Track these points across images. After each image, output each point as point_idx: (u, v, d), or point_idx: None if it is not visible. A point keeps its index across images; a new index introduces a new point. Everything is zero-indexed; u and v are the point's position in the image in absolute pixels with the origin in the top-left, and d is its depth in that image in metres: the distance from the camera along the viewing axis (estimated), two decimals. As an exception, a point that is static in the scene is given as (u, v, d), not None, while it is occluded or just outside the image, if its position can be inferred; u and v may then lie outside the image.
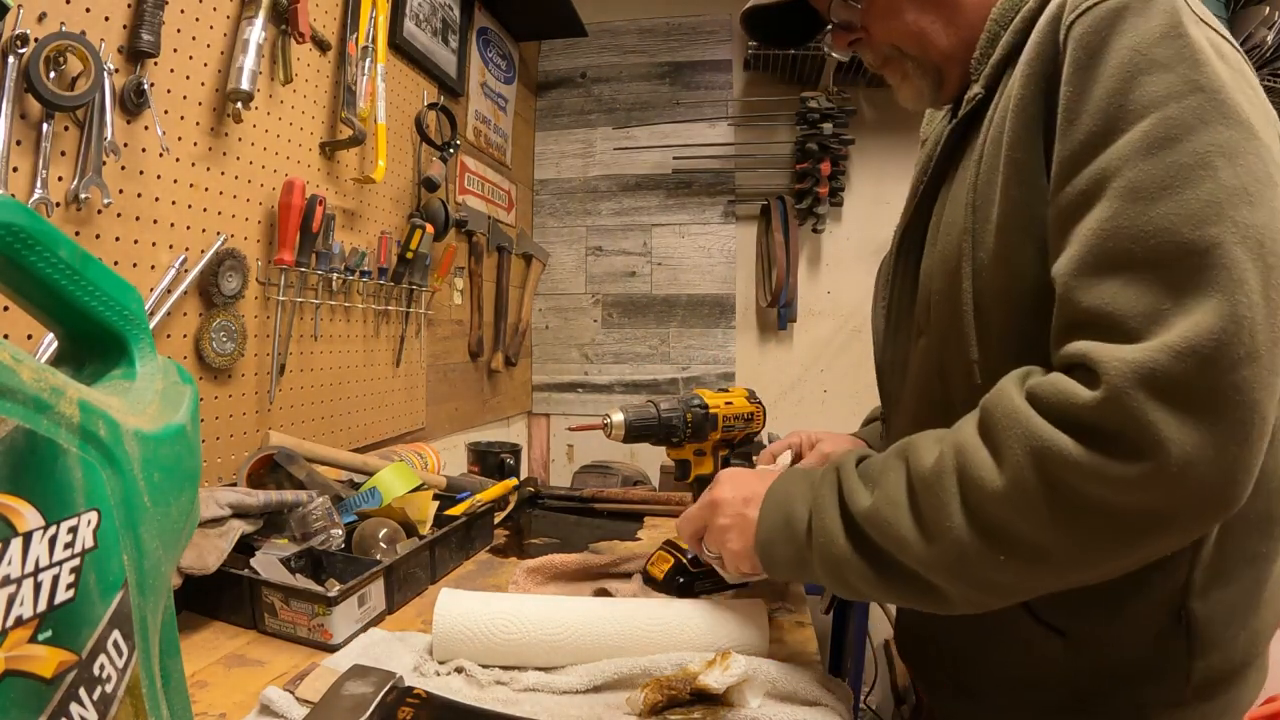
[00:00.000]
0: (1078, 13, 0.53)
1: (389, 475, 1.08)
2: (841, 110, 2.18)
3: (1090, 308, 0.48)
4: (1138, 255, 0.47)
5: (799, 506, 0.62)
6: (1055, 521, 0.47)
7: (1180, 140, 0.47)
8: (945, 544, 0.51)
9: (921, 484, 0.53)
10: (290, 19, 1.09)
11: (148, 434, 0.41)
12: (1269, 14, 1.94)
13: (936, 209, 0.68)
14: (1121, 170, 0.48)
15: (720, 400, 0.91)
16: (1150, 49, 0.49)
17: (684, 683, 0.62)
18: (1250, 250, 0.45)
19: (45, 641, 0.32)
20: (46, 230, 0.38)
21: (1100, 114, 0.50)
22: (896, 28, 0.69)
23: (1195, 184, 0.46)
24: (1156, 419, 0.43)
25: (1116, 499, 0.45)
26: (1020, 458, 0.47)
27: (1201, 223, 0.45)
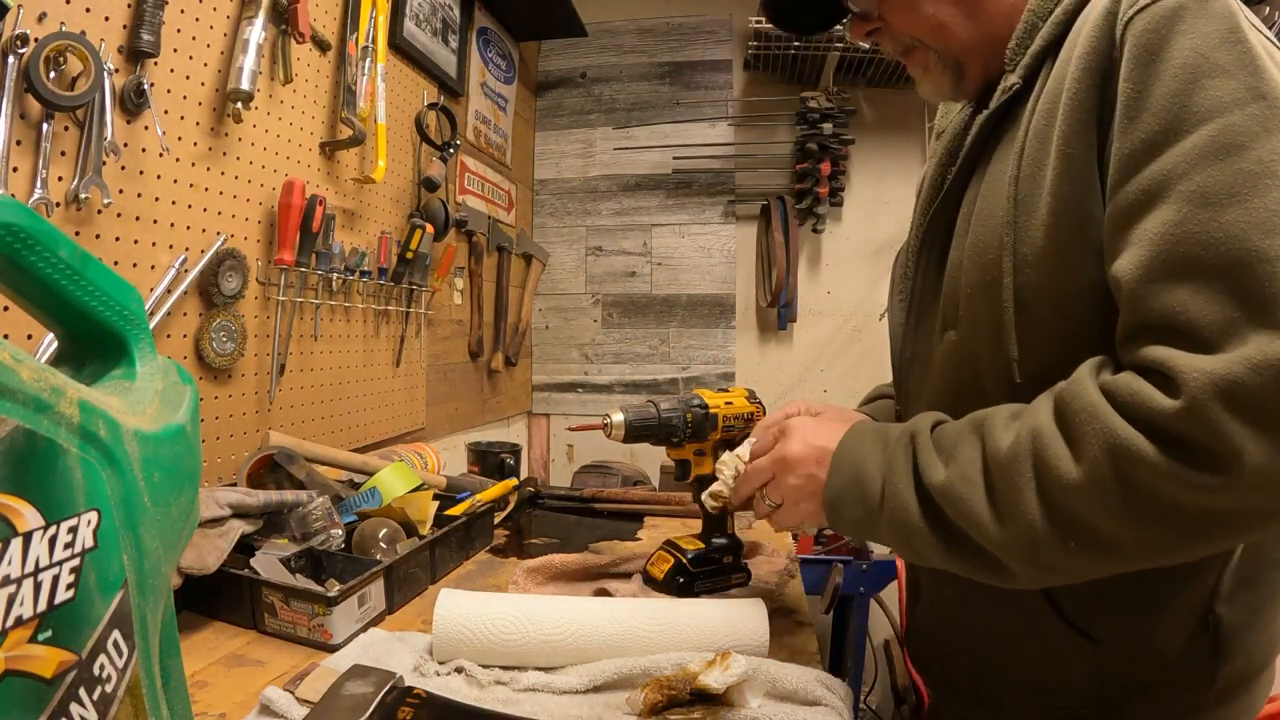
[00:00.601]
0: (1136, 9, 0.52)
1: (389, 475, 1.08)
2: (841, 110, 2.18)
3: (1162, 313, 0.48)
4: (1209, 261, 0.47)
5: (871, 468, 0.61)
6: (1129, 518, 0.48)
7: (1246, 148, 0.47)
8: (1018, 528, 0.51)
9: (997, 466, 0.53)
10: (290, 19, 1.09)
11: (148, 434, 0.41)
12: (1269, 14, 1.94)
13: (967, 200, 0.66)
14: (1189, 174, 0.48)
15: (720, 400, 0.91)
16: (1212, 52, 0.49)
17: (684, 683, 0.62)
18: None
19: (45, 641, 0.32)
20: (46, 230, 0.38)
21: (1163, 113, 0.50)
22: (915, 19, 0.68)
23: (1263, 192, 0.46)
24: (1234, 432, 0.44)
25: (1191, 501, 0.46)
26: (1098, 454, 0.48)
27: (1271, 231, 0.45)
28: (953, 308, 0.66)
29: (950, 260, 0.67)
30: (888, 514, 0.59)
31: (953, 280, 0.66)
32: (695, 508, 1.00)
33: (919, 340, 0.74)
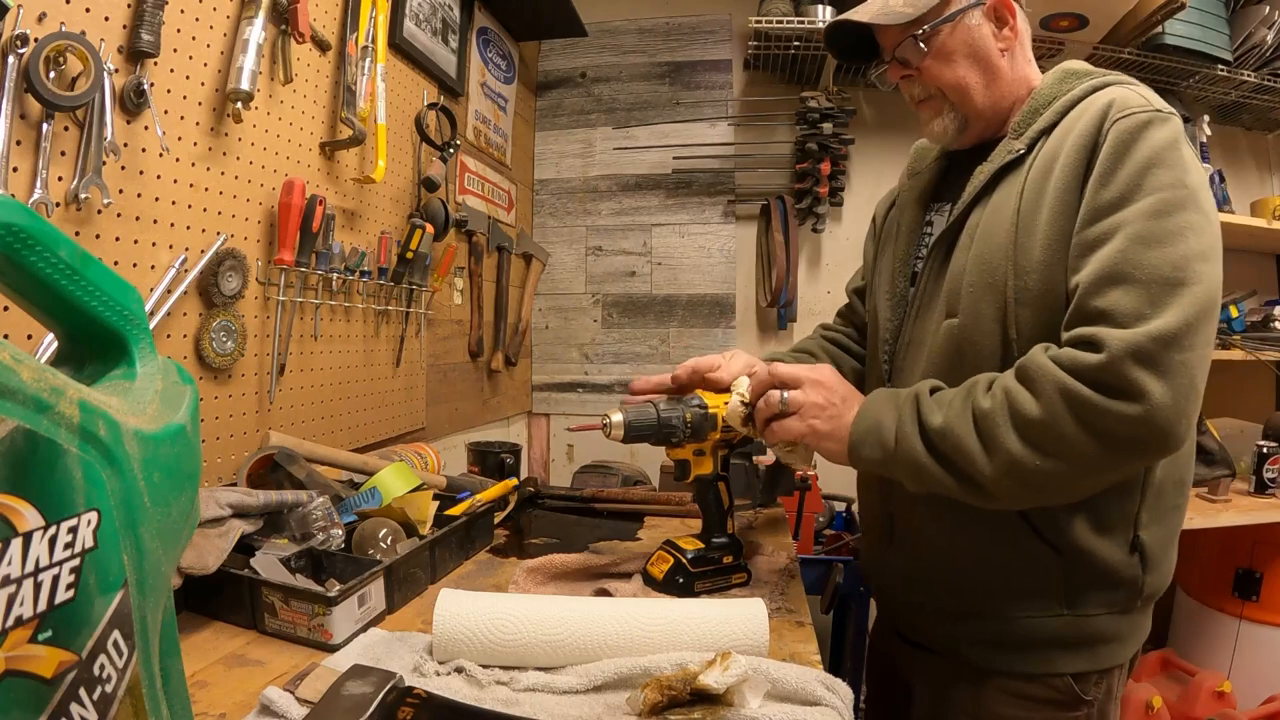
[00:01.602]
0: (1119, 117, 0.76)
1: (389, 475, 1.08)
2: (841, 110, 2.18)
3: (1098, 306, 0.72)
4: (1135, 277, 0.71)
5: (887, 420, 0.79)
6: (1076, 434, 0.70)
7: (1171, 214, 0.72)
8: (1000, 456, 0.73)
9: (981, 415, 0.74)
10: (290, 19, 1.09)
11: (148, 434, 0.41)
12: (1269, 13, 1.94)
13: (969, 226, 0.87)
14: (1133, 223, 0.72)
15: (720, 401, 0.90)
16: (1161, 153, 0.74)
17: (684, 683, 0.62)
18: (1201, 289, 0.70)
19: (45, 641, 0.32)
20: (46, 230, 0.38)
21: (1124, 185, 0.74)
22: (946, 74, 0.88)
23: (1175, 243, 0.71)
24: (1139, 376, 0.68)
25: (1115, 425, 0.69)
26: (1053, 395, 0.71)
27: (1177, 267, 0.70)
28: (955, 300, 0.86)
29: (954, 265, 0.87)
30: (900, 452, 0.78)
31: (955, 280, 0.86)
32: (695, 508, 1.00)
33: (917, 328, 0.92)
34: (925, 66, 0.88)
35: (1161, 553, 0.83)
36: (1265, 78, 1.99)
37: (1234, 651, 1.85)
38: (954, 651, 0.89)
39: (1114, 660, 0.84)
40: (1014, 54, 0.89)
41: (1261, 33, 1.94)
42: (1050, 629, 0.82)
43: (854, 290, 1.20)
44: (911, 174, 1.04)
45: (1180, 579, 2.05)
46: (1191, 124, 2.10)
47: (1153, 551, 0.82)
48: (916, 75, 0.89)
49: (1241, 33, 1.99)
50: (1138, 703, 1.63)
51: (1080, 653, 0.83)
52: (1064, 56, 2.00)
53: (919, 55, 0.88)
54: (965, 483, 0.75)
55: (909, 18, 0.86)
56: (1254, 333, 2.04)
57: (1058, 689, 0.83)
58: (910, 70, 0.90)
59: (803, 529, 1.82)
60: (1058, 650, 0.83)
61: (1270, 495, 1.79)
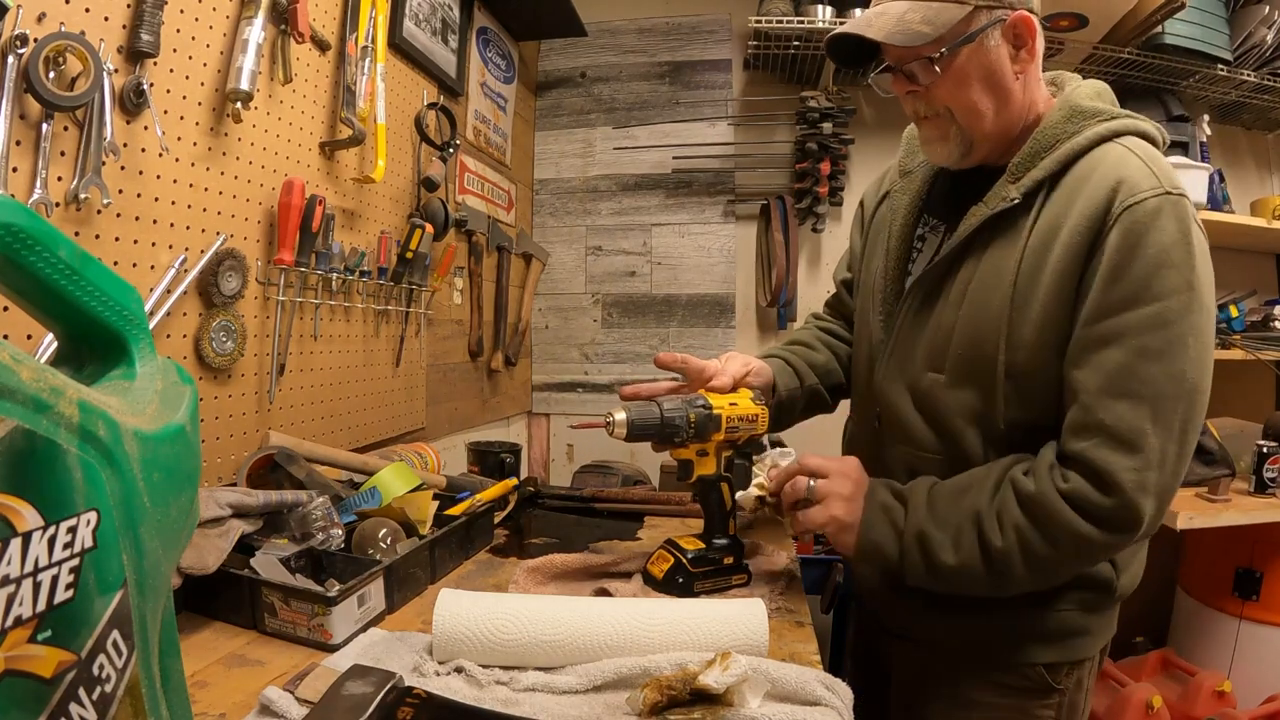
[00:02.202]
0: (1126, 205, 0.75)
1: (389, 475, 1.08)
2: (841, 110, 2.18)
3: (1104, 420, 0.74)
4: (1139, 392, 0.74)
5: (888, 551, 0.84)
6: (1082, 566, 0.82)
7: (1174, 323, 0.73)
8: (1013, 586, 0.80)
9: (997, 556, 0.78)
10: (290, 19, 1.09)
11: (147, 434, 0.41)
12: (1269, 13, 1.94)
13: (961, 276, 0.85)
14: (1138, 333, 0.74)
15: (725, 401, 0.90)
16: (1170, 251, 0.74)
17: (684, 683, 0.62)
18: (1187, 399, 0.74)
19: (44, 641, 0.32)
20: (46, 230, 0.38)
21: (1133, 284, 0.74)
22: (960, 97, 0.82)
23: (1177, 355, 0.74)
24: (1142, 505, 0.74)
25: (1109, 549, 0.80)
26: (1068, 543, 0.76)
27: (1174, 379, 0.74)
28: (940, 357, 0.86)
29: (941, 319, 0.87)
30: (909, 579, 0.83)
31: (942, 336, 0.86)
32: (695, 507, 1.00)
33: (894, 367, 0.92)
34: (936, 87, 0.83)
35: (1131, 556, 0.88)
36: (1265, 77, 1.99)
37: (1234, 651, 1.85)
38: (932, 641, 0.92)
39: (1084, 653, 0.87)
40: (1027, 76, 0.84)
41: (1261, 32, 1.94)
42: (1024, 622, 0.85)
43: (841, 281, 1.17)
44: (903, 171, 1.00)
45: (1180, 578, 2.05)
46: (1192, 124, 2.10)
47: (1122, 557, 0.86)
48: (922, 92, 0.84)
49: (1241, 32, 1.99)
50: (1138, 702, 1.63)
51: (1052, 645, 0.86)
52: (1064, 56, 2.00)
53: (931, 75, 0.82)
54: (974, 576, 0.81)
55: (928, 38, 0.79)
56: (1254, 332, 2.04)
57: (1030, 678, 0.86)
58: (916, 86, 0.84)
59: (803, 529, 1.81)
60: (1031, 642, 0.86)
61: (1270, 495, 1.79)
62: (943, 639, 0.90)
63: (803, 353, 1.12)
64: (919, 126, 0.89)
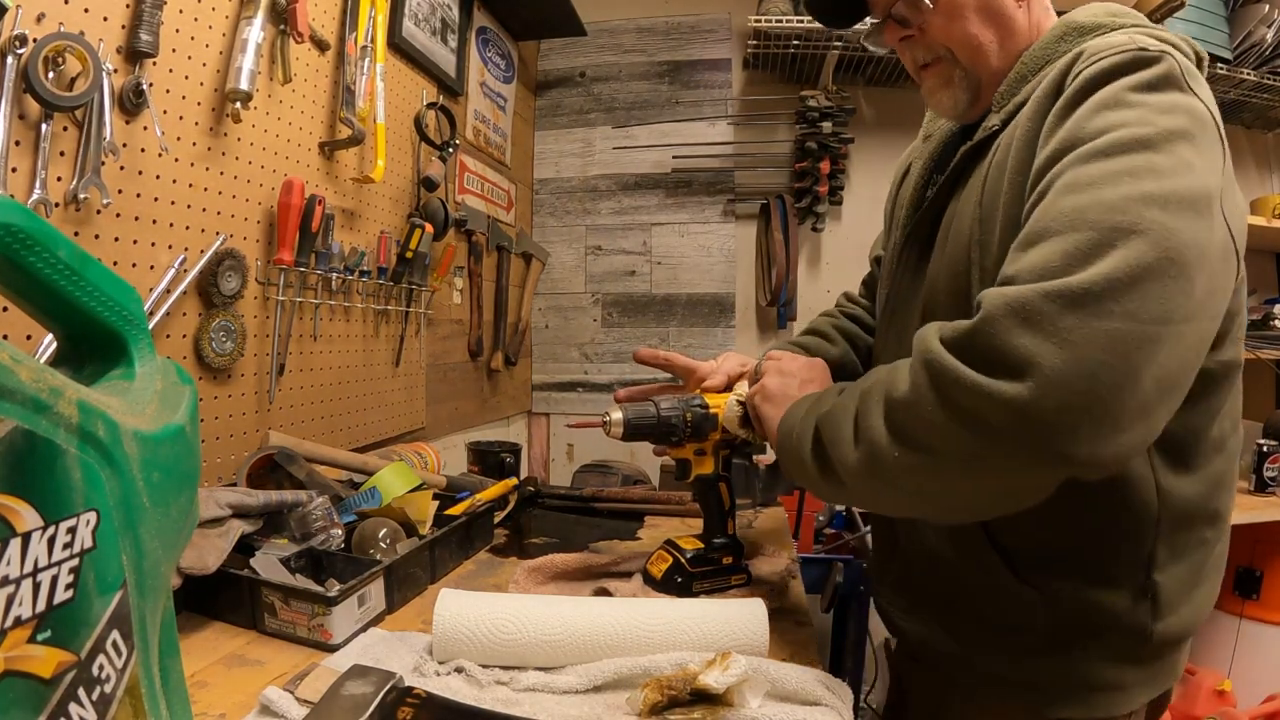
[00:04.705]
0: (1089, 62, 0.60)
1: (389, 475, 1.08)
2: (841, 109, 2.18)
3: (1005, 273, 0.55)
4: (1051, 229, 0.53)
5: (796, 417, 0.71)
6: (941, 423, 0.54)
7: (1117, 154, 0.53)
8: (864, 439, 0.60)
9: (862, 395, 0.63)
10: (289, 19, 1.09)
11: (147, 434, 0.41)
12: (1268, 12, 1.94)
13: (944, 220, 0.75)
14: (1063, 172, 0.56)
15: (721, 401, 0.90)
16: (1128, 93, 0.57)
17: (684, 683, 0.62)
18: (1151, 241, 0.50)
19: (44, 641, 0.32)
20: (46, 231, 0.38)
21: (1065, 135, 0.58)
22: (957, 32, 0.73)
23: (1116, 184, 0.52)
24: (1024, 342, 0.49)
25: (986, 409, 0.51)
26: (919, 370, 0.56)
27: (1111, 211, 0.51)
28: (931, 312, 0.74)
29: (930, 270, 0.76)
30: (791, 446, 0.70)
31: (931, 287, 0.75)
32: (695, 507, 1.00)
33: (893, 336, 0.83)
34: (930, 24, 0.73)
35: (1181, 594, 0.68)
36: (1265, 76, 1.99)
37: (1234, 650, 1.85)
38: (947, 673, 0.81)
39: (1115, 710, 0.70)
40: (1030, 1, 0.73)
41: (1261, 31, 1.94)
42: (1038, 672, 0.71)
43: (875, 259, 1.08)
44: (924, 138, 0.91)
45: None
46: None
47: (1169, 594, 0.67)
48: (918, 36, 0.75)
49: (1241, 32, 1.99)
50: (1138, 702, 1.63)
51: (1070, 700, 0.71)
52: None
53: (921, 12, 0.73)
54: (825, 470, 0.65)
55: None
56: (1254, 331, 2.04)
57: None
58: (910, 30, 0.75)
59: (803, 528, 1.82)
60: (1045, 693, 0.71)
61: (1270, 494, 1.79)
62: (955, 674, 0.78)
63: (817, 346, 1.04)
64: (922, 80, 0.79)
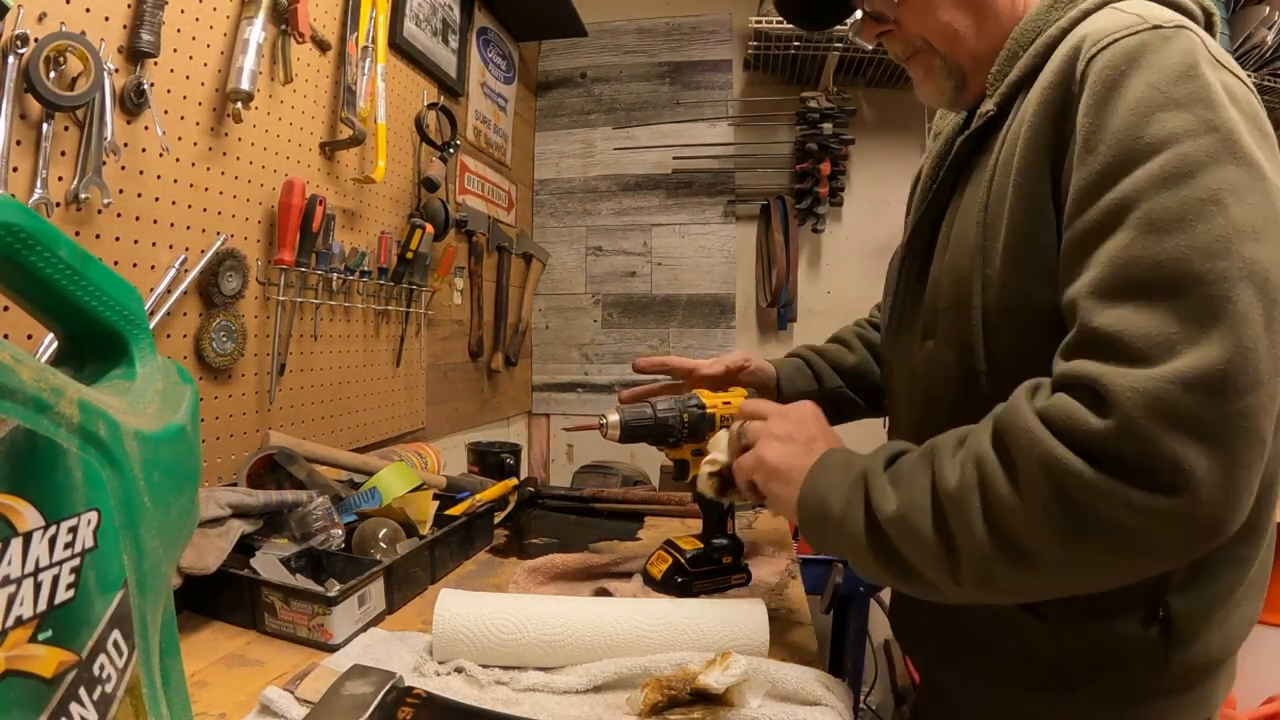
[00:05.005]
0: (1099, 47, 0.55)
1: (389, 475, 1.08)
2: (841, 110, 2.18)
3: (1102, 329, 0.49)
4: (1151, 283, 0.48)
5: (833, 504, 0.62)
6: (1071, 538, 0.49)
7: (1194, 176, 0.49)
8: (968, 557, 0.52)
9: (946, 497, 0.54)
10: (290, 19, 1.09)
11: (148, 434, 0.41)
12: (1269, 14, 1.94)
13: (947, 219, 0.71)
14: (1139, 202, 0.50)
15: (718, 400, 0.90)
16: (1169, 87, 0.51)
17: (684, 683, 0.62)
18: (1255, 284, 0.47)
19: (45, 641, 0.32)
20: (46, 230, 0.38)
21: (1118, 146, 0.52)
22: (930, 22, 0.70)
23: (1207, 219, 0.48)
24: (1173, 448, 0.45)
25: (1137, 523, 0.46)
26: (1037, 476, 0.49)
27: (1212, 256, 0.47)
28: (932, 319, 0.70)
29: (931, 275, 0.72)
30: (847, 544, 0.61)
31: (933, 293, 0.71)
32: (695, 508, 1.00)
33: (900, 346, 0.78)
34: (903, 17, 0.71)
35: (1205, 618, 0.61)
36: (1265, 78, 1.99)
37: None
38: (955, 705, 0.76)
39: None
40: None
41: (1261, 33, 1.94)
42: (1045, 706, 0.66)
43: None
44: (935, 134, 0.87)
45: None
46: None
47: (1186, 619, 0.60)
48: (896, 30, 0.72)
49: (1241, 33, 1.99)
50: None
51: None
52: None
53: (891, 6, 0.71)
54: (917, 585, 0.58)
55: None
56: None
57: None
58: (887, 25, 0.73)
59: (803, 529, 1.81)
60: None
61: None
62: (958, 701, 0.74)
63: (834, 353, 1.02)
64: (909, 71, 0.76)
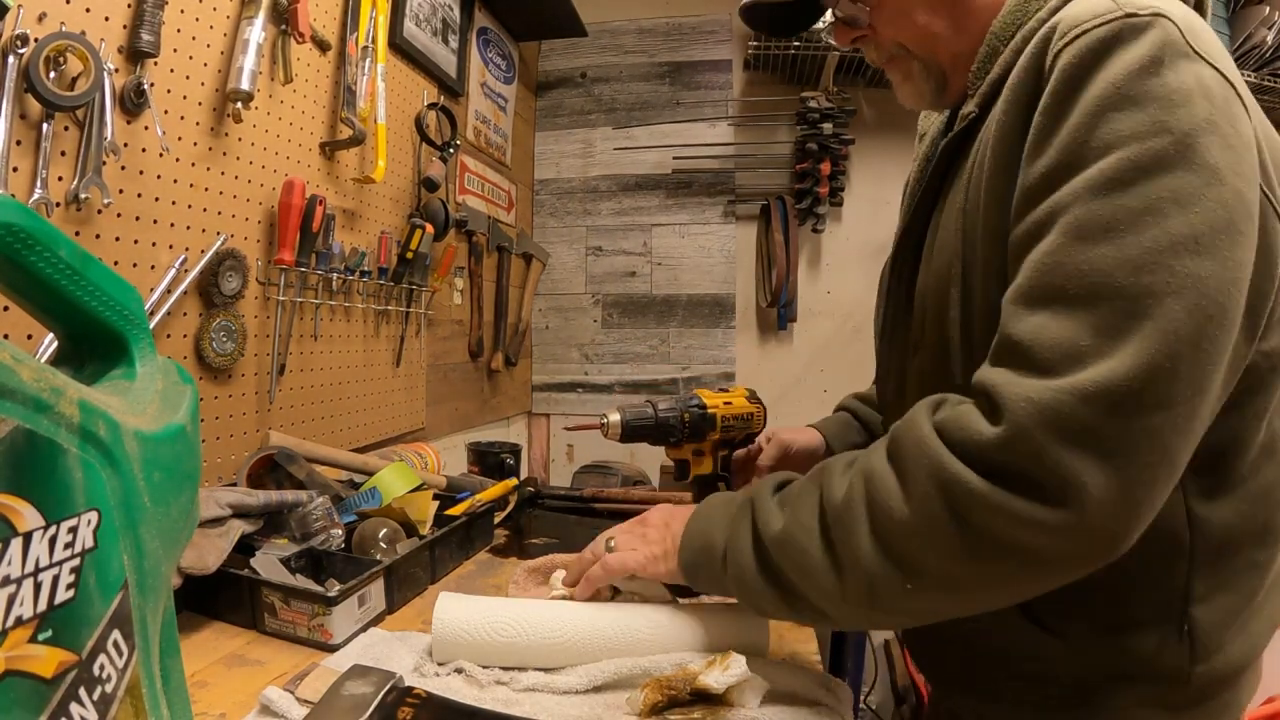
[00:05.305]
0: (1066, 40, 0.51)
1: (389, 475, 1.08)
2: (841, 110, 2.18)
3: (1014, 336, 0.48)
4: (1069, 292, 0.47)
5: (716, 535, 0.63)
6: (964, 554, 0.47)
7: (1134, 183, 0.46)
8: (855, 574, 0.51)
9: (833, 512, 0.53)
10: (290, 19, 1.09)
11: (148, 434, 0.41)
12: (1269, 14, 1.94)
13: (931, 226, 0.68)
14: (1071, 207, 0.48)
15: (719, 400, 0.91)
16: (1128, 84, 0.48)
17: (684, 683, 0.62)
18: (1186, 300, 0.44)
19: (45, 641, 0.32)
20: (47, 230, 0.38)
21: (1064, 148, 0.49)
22: (906, 27, 0.68)
23: (1139, 229, 0.45)
24: (1064, 460, 0.44)
25: (1026, 537, 0.45)
26: (928, 489, 0.48)
27: (1137, 269, 0.45)
28: (920, 330, 0.67)
29: (919, 283, 0.69)
30: (732, 574, 0.60)
31: (920, 303, 0.68)
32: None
33: (893, 356, 0.76)
34: (877, 22, 0.69)
35: (1227, 628, 0.59)
36: (1265, 78, 1.99)
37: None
38: None
39: None
40: None
41: (1261, 33, 1.94)
42: None
43: None
44: (920, 136, 0.85)
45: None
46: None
47: (1209, 631, 0.58)
48: (870, 34, 0.70)
49: (1241, 33, 1.99)
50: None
51: None
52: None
53: (863, 12, 0.68)
54: (805, 611, 0.57)
55: None
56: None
57: None
58: (861, 30, 0.70)
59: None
60: None
61: None
62: None
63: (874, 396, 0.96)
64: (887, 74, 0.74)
